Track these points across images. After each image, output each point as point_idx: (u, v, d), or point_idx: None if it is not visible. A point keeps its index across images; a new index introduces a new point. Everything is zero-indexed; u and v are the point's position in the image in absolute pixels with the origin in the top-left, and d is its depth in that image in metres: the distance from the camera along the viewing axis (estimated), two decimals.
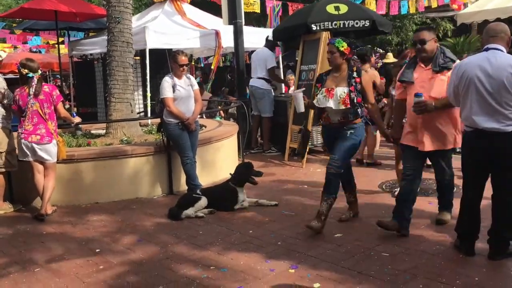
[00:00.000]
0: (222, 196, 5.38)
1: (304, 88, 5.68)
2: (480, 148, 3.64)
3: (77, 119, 6.02)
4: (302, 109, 4.69)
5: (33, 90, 5.28)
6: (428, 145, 4.22)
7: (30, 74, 5.32)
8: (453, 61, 4.17)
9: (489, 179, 3.77)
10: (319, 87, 4.62)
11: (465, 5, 11.73)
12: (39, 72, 5.42)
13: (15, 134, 5.58)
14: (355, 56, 6.12)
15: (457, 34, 14.21)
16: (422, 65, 4.26)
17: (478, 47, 11.09)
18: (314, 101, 4.62)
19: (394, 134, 4.66)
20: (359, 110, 4.48)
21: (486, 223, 3.82)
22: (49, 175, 5.37)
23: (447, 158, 4.43)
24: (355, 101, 4.43)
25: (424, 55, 4.20)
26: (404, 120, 4.56)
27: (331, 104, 4.46)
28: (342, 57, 4.48)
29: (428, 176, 6.36)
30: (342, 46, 4.44)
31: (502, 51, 3.59)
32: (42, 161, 5.35)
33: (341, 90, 4.45)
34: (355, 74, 4.50)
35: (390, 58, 10.64)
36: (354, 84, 4.46)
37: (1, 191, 5.59)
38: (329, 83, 4.58)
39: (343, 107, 4.43)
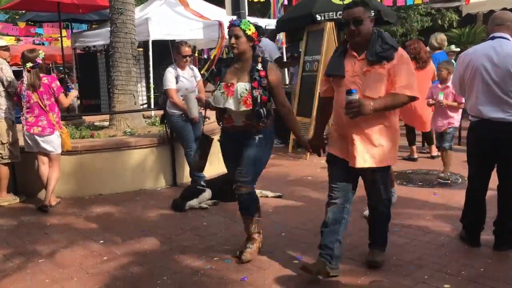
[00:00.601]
0: (226, 187, 5.36)
1: (196, 89, 5.26)
2: (486, 138, 3.61)
3: (74, 93, 6.04)
4: (195, 113, 4.01)
5: (26, 82, 5.26)
6: (360, 160, 3.25)
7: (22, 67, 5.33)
8: (395, 49, 3.18)
9: (495, 169, 3.73)
10: (217, 81, 3.72)
11: None
12: (29, 64, 5.25)
13: (19, 126, 5.58)
14: (262, 45, 5.20)
15: (463, 24, 14.13)
16: (354, 53, 3.26)
17: (483, 38, 11.00)
18: (210, 100, 3.76)
19: (313, 140, 3.67)
20: (263, 111, 3.60)
21: (491, 214, 3.80)
22: (53, 166, 5.38)
23: (384, 178, 3.39)
24: (258, 100, 3.56)
25: (358, 40, 3.20)
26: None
27: (230, 104, 3.60)
28: (249, 43, 3.58)
29: (432, 167, 6.34)
30: (249, 29, 3.54)
31: (508, 39, 3.55)
32: (46, 153, 5.35)
33: (242, 87, 3.58)
34: (259, 66, 3.60)
35: None
36: (258, 78, 3.57)
37: (5, 183, 5.60)
38: (229, 76, 3.67)
39: (244, 108, 3.57)
